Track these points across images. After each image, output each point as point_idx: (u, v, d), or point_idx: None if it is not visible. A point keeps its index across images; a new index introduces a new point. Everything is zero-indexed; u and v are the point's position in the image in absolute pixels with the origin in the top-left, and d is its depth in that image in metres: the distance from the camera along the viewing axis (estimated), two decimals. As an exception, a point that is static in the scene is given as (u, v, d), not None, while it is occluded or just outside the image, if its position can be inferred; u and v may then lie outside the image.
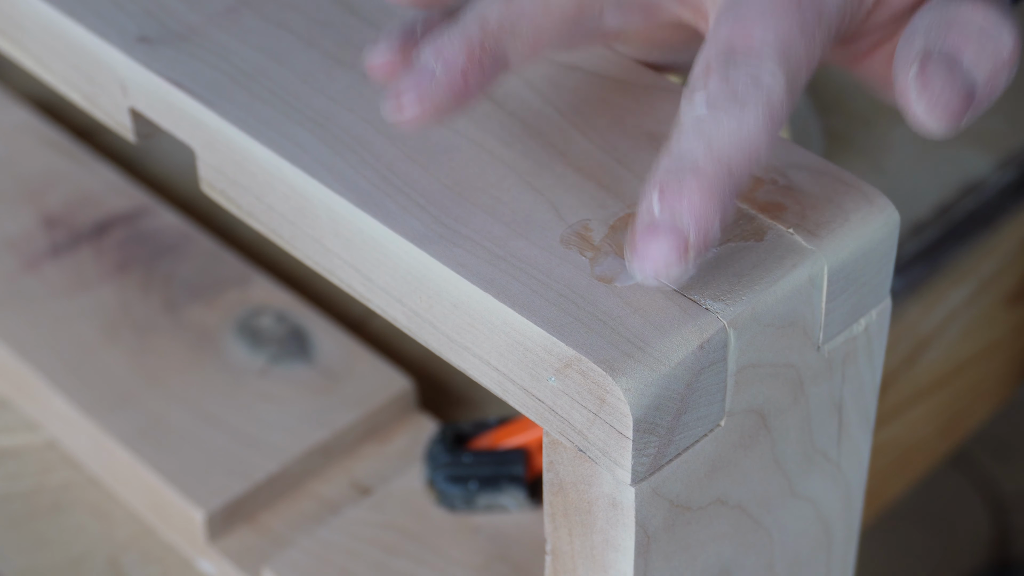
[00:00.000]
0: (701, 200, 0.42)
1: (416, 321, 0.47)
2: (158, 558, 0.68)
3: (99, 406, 0.70)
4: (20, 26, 0.56)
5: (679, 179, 0.42)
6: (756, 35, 0.44)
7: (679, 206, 0.42)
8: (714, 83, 0.43)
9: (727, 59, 0.43)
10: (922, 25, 0.45)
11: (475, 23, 0.45)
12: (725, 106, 0.43)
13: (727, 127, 0.42)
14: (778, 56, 0.43)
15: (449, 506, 0.66)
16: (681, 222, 0.42)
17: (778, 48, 0.44)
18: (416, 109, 0.44)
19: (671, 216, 0.42)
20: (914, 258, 0.80)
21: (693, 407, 0.43)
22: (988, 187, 0.84)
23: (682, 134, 0.43)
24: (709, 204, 0.42)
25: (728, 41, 0.44)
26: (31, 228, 0.79)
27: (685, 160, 0.42)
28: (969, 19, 0.44)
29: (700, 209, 0.42)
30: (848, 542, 0.53)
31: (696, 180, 0.42)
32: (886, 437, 0.81)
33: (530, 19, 0.45)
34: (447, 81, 0.44)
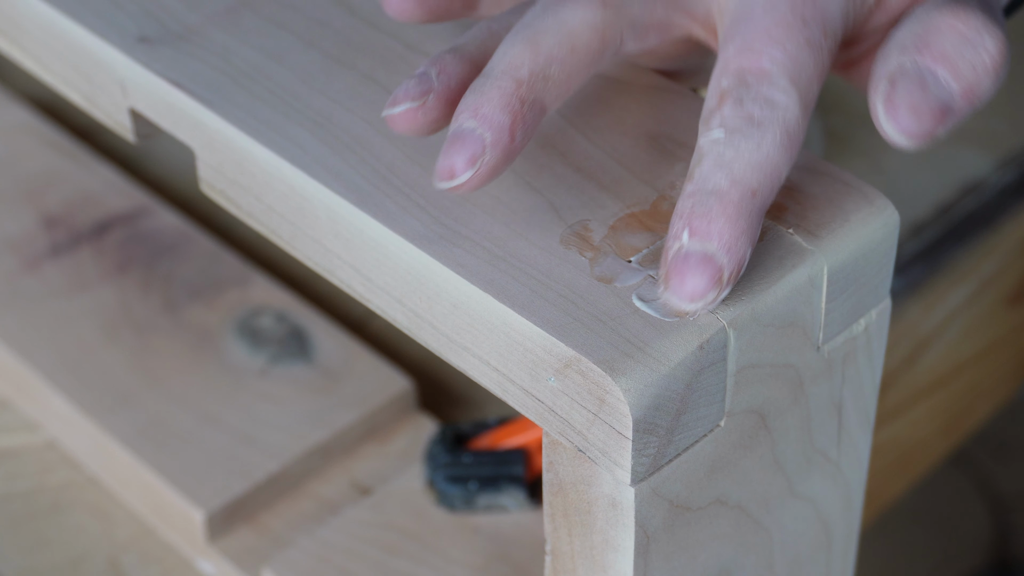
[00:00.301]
0: (728, 226, 0.42)
1: (416, 321, 0.47)
2: (158, 558, 0.68)
3: (99, 406, 0.70)
4: (20, 26, 0.56)
5: (705, 206, 0.42)
6: (765, 55, 0.44)
7: (708, 234, 0.42)
8: (729, 108, 0.43)
9: (739, 83, 0.44)
10: (899, 38, 0.44)
11: (507, 76, 0.44)
12: (742, 129, 0.43)
13: (746, 150, 0.43)
14: (789, 74, 0.44)
15: (449, 506, 0.66)
16: (711, 249, 0.42)
17: (788, 66, 0.44)
18: (470, 175, 0.44)
19: (701, 245, 0.42)
20: (914, 258, 0.80)
21: (693, 407, 0.43)
22: (988, 187, 0.84)
23: (702, 160, 0.43)
24: (737, 229, 0.42)
25: (738, 64, 0.44)
26: (31, 228, 0.79)
27: (708, 186, 0.42)
28: (949, 28, 0.44)
29: (729, 235, 0.42)
30: (848, 542, 0.53)
31: (721, 206, 0.42)
32: (886, 437, 0.81)
33: (559, 62, 0.45)
34: (495, 141, 0.44)
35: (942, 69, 0.43)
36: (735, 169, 0.43)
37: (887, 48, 0.44)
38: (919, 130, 0.43)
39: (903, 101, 0.43)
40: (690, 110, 0.50)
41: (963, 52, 0.44)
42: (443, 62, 0.47)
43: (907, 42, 0.44)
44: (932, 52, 0.44)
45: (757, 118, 0.43)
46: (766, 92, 0.43)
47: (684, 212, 0.43)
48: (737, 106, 0.43)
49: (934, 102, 0.43)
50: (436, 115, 0.46)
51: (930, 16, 0.44)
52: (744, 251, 0.42)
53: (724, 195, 0.42)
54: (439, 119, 0.46)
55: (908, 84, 0.43)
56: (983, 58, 0.44)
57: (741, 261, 0.42)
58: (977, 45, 0.44)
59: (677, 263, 0.42)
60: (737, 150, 0.43)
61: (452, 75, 0.46)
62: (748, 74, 0.44)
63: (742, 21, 0.45)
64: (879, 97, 0.43)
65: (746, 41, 0.44)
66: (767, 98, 0.43)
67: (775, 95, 0.43)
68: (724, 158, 0.43)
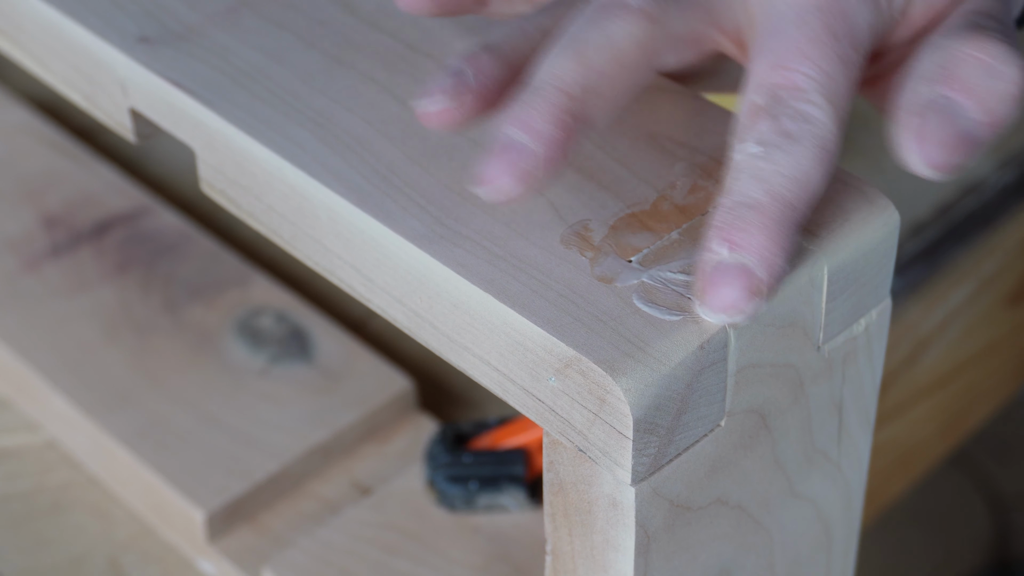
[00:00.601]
0: (766, 238, 0.42)
1: (416, 321, 0.47)
2: (158, 558, 0.68)
3: (99, 406, 0.70)
4: (20, 26, 0.56)
5: (742, 218, 0.42)
6: (799, 72, 0.44)
7: (745, 245, 0.42)
8: (765, 123, 0.44)
9: (774, 99, 0.44)
10: (923, 69, 0.44)
11: (554, 89, 0.44)
12: (780, 144, 0.43)
13: (783, 164, 0.43)
14: (823, 90, 0.44)
15: (449, 506, 0.66)
16: (748, 262, 0.42)
17: (822, 82, 0.44)
18: (518, 188, 0.43)
19: (738, 257, 0.42)
20: (914, 258, 0.80)
21: (693, 407, 0.43)
22: (988, 187, 0.84)
23: (739, 174, 0.43)
24: (773, 241, 0.42)
25: (772, 80, 0.44)
26: (31, 228, 0.79)
27: (745, 199, 0.43)
28: (973, 59, 0.44)
29: (766, 247, 0.42)
30: (848, 542, 0.53)
31: (759, 218, 0.42)
32: (886, 437, 0.81)
33: (608, 77, 0.44)
34: (545, 156, 0.43)
35: (969, 101, 0.44)
36: (773, 183, 0.43)
37: (911, 78, 0.44)
38: (947, 162, 0.43)
39: (933, 135, 0.43)
40: (690, 110, 0.50)
41: (987, 83, 0.44)
42: (479, 61, 0.46)
43: (931, 73, 0.44)
44: (958, 84, 0.44)
45: (794, 133, 0.43)
46: (802, 108, 0.44)
47: (720, 223, 0.43)
48: (773, 121, 0.43)
49: (962, 134, 0.43)
50: (469, 115, 0.46)
51: (953, 45, 0.44)
52: (781, 264, 0.42)
53: (763, 208, 0.42)
54: (471, 119, 0.46)
55: (937, 118, 0.43)
56: (1007, 88, 0.44)
57: (778, 274, 0.42)
58: (1000, 76, 0.44)
59: (714, 275, 0.42)
60: (775, 164, 0.43)
61: (489, 76, 0.46)
62: (782, 90, 0.44)
63: (773, 36, 0.45)
64: (909, 131, 0.43)
65: (779, 57, 0.44)
66: (803, 114, 0.43)
67: (811, 111, 0.44)
68: (762, 172, 0.43)
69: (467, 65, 0.46)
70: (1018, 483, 1.49)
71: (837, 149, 0.44)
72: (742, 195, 0.43)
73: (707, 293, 0.42)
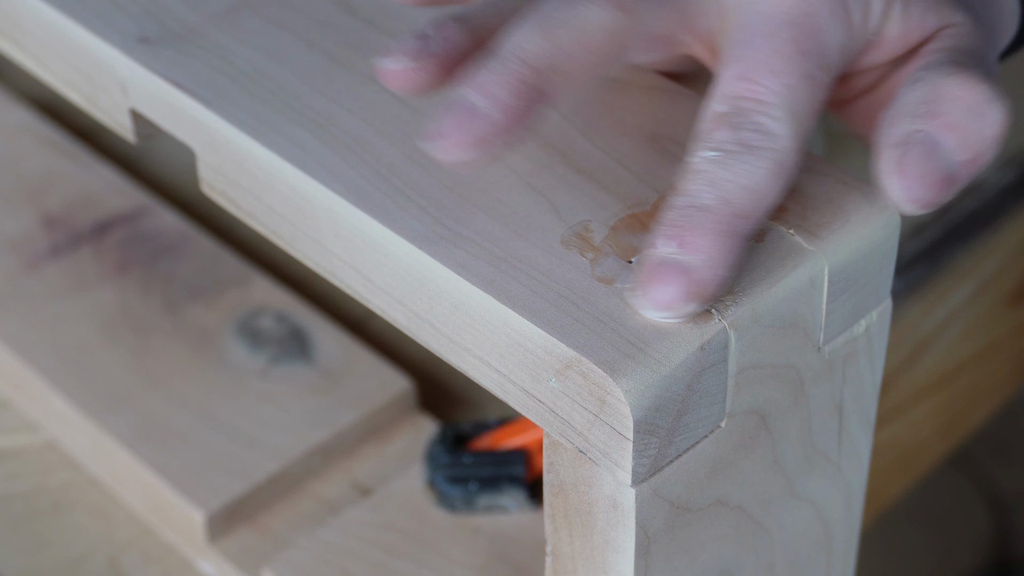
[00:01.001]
0: (712, 242, 0.42)
1: (416, 322, 0.47)
2: (158, 559, 0.68)
3: (99, 406, 0.70)
4: (20, 26, 0.56)
5: (691, 220, 0.43)
6: (763, 85, 0.44)
7: (690, 247, 0.42)
8: (724, 132, 0.44)
9: (736, 109, 0.44)
10: (907, 103, 0.45)
11: (518, 60, 0.44)
12: (736, 152, 0.43)
13: (738, 173, 0.43)
14: (785, 106, 0.44)
15: (449, 507, 0.66)
16: (692, 262, 0.42)
17: (785, 97, 0.44)
18: (465, 149, 0.43)
19: (682, 255, 0.42)
20: (914, 258, 0.80)
21: (693, 408, 0.43)
22: (988, 187, 0.84)
23: (692, 177, 0.44)
24: (719, 246, 0.43)
25: (736, 90, 0.44)
26: (31, 228, 0.79)
27: (696, 202, 0.43)
28: (956, 97, 0.44)
29: (708, 249, 0.42)
30: (848, 542, 0.53)
31: (707, 222, 0.43)
32: (886, 437, 0.81)
33: (570, 58, 0.44)
34: (497, 121, 0.43)
35: (950, 139, 0.44)
36: (725, 190, 0.43)
37: (895, 112, 0.45)
38: (926, 199, 0.43)
39: (913, 170, 0.43)
40: (690, 111, 0.50)
41: (970, 123, 0.44)
42: (446, 28, 0.46)
43: (915, 109, 0.44)
44: (941, 121, 0.44)
45: (752, 145, 0.44)
46: (763, 121, 0.44)
47: (669, 222, 0.43)
48: (733, 131, 0.44)
49: (943, 172, 0.43)
50: (430, 79, 0.46)
51: (938, 82, 0.44)
52: (722, 271, 0.43)
53: (712, 213, 0.43)
54: (431, 84, 0.46)
55: (918, 153, 0.43)
56: (987, 130, 0.44)
57: (716, 276, 0.43)
58: (983, 117, 0.44)
59: (657, 270, 0.43)
60: (729, 172, 0.43)
61: (453, 43, 0.46)
62: (745, 101, 0.44)
63: (742, 47, 0.45)
64: (890, 165, 0.44)
65: (746, 69, 0.45)
66: (763, 127, 0.44)
67: (771, 125, 0.44)
68: (716, 177, 0.43)
69: (433, 30, 0.46)
70: (1018, 483, 1.49)
71: (795, 165, 0.44)
72: (694, 198, 0.43)
73: (647, 287, 0.43)
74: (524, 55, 0.44)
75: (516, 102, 0.43)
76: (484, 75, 0.44)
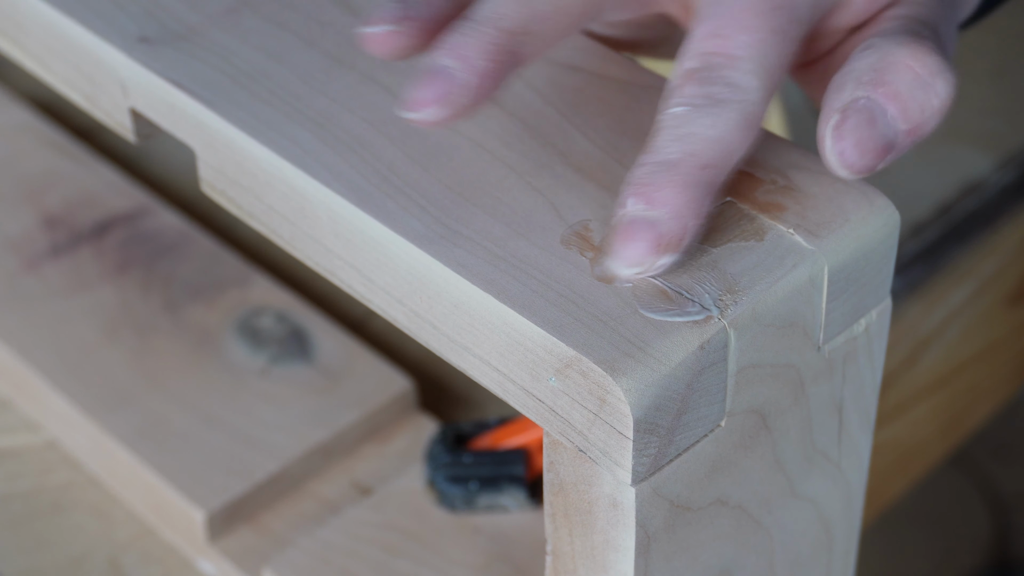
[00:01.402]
0: (674, 194, 0.43)
1: (416, 321, 0.47)
2: (158, 558, 0.68)
3: (99, 406, 0.70)
4: (20, 26, 0.56)
5: (654, 175, 0.43)
6: (734, 40, 0.45)
7: (653, 200, 0.43)
8: (692, 87, 0.44)
9: (705, 65, 0.44)
10: (856, 69, 0.45)
11: (492, 24, 0.45)
12: (703, 106, 0.44)
13: (702, 125, 0.43)
14: (754, 60, 0.44)
15: (449, 506, 0.66)
16: (655, 216, 0.43)
17: (754, 52, 0.45)
18: (436, 110, 0.44)
19: (645, 211, 0.43)
20: (914, 258, 0.80)
21: (693, 407, 0.43)
22: (988, 187, 0.84)
23: (658, 132, 0.44)
24: (682, 198, 0.43)
25: (706, 47, 0.45)
26: (31, 228, 0.79)
27: (660, 157, 0.43)
28: (905, 67, 0.44)
29: (673, 202, 0.43)
30: (849, 542, 0.53)
31: (670, 175, 0.43)
32: (886, 437, 0.81)
33: (543, 20, 0.45)
34: (469, 84, 0.44)
35: (893, 108, 0.44)
36: (689, 142, 0.43)
37: (842, 77, 0.45)
38: (861, 164, 0.44)
39: (851, 136, 0.44)
40: (691, 110, 0.50)
41: (915, 93, 0.44)
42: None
43: (863, 76, 0.45)
44: (885, 89, 0.44)
45: (719, 98, 0.44)
46: (730, 75, 0.44)
47: (635, 180, 0.43)
48: (700, 85, 0.44)
49: (879, 139, 0.44)
50: (411, 43, 0.46)
51: (889, 51, 0.45)
52: (688, 220, 0.43)
53: (675, 165, 0.43)
54: (413, 47, 0.46)
55: (858, 119, 0.44)
56: (932, 101, 0.45)
57: (684, 229, 0.43)
58: (929, 88, 0.44)
59: (621, 228, 0.43)
60: (694, 125, 0.43)
61: (432, 6, 0.47)
62: (715, 57, 0.45)
63: (714, 4, 0.46)
64: (828, 128, 0.44)
65: (717, 25, 0.45)
66: (731, 81, 0.44)
67: (740, 78, 0.44)
68: (680, 131, 0.43)
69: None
70: (1018, 483, 1.49)
71: (760, 120, 0.45)
72: (658, 153, 0.43)
73: (616, 246, 0.43)
74: (499, 20, 0.45)
75: (490, 66, 0.44)
76: (459, 39, 0.44)
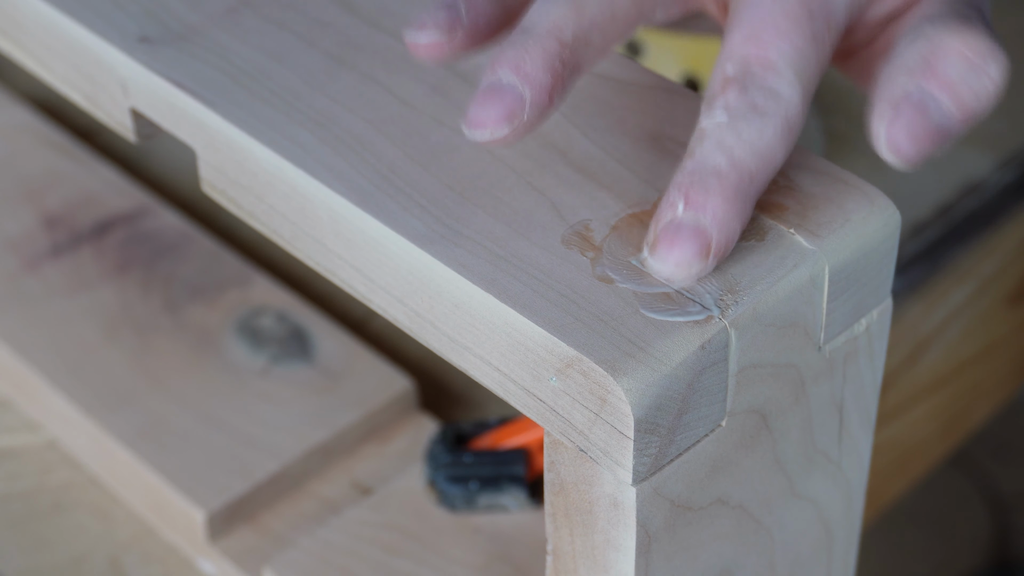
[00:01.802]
0: (724, 204, 0.43)
1: (417, 321, 0.47)
2: (159, 558, 0.68)
3: (99, 406, 0.70)
4: (21, 26, 0.56)
5: (703, 183, 0.43)
6: (772, 46, 0.45)
7: (703, 209, 0.43)
8: (733, 94, 0.44)
9: (744, 72, 0.45)
10: (905, 59, 0.45)
11: (551, 37, 0.44)
12: (746, 116, 0.44)
13: (748, 137, 0.44)
14: (793, 67, 0.45)
15: (450, 506, 0.66)
16: (704, 224, 0.43)
17: (793, 59, 0.45)
18: (501, 129, 0.44)
19: (694, 218, 0.43)
20: (915, 258, 0.80)
21: (694, 407, 0.43)
22: (989, 187, 0.84)
23: (704, 141, 0.44)
24: (731, 208, 0.43)
25: (745, 52, 0.45)
26: (31, 228, 0.79)
27: (708, 166, 0.43)
28: (956, 52, 0.44)
29: (723, 213, 0.43)
30: (849, 542, 0.53)
31: (719, 185, 0.43)
32: (886, 437, 0.81)
33: (600, 28, 0.45)
34: (535, 100, 0.44)
35: (946, 97, 0.44)
36: (736, 153, 0.44)
37: (892, 67, 0.45)
38: (916, 154, 0.44)
39: (904, 128, 0.44)
40: (691, 110, 0.50)
41: (967, 79, 0.44)
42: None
43: (912, 64, 0.45)
44: (937, 79, 0.44)
45: (761, 107, 0.44)
46: (771, 83, 0.44)
47: (682, 185, 0.44)
48: (742, 93, 0.44)
49: (933, 128, 0.44)
50: (460, 51, 0.46)
51: (937, 36, 0.45)
52: (734, 231, 0.44)
53: (723, 175, 0.43)
54: (460, 55, 0.47)
55: (911, 111, 0.44)
56: (986, 86, 0.45)
57: (730, 240, 0.44)
58: (981, 72, 0.44)
59: (669, 231, 0.43)
60: (739, 135, 0.44)
61: (482, 13, 0.47)
62: (754, 63, 0.45)
63: (751, 7, 0.46)
64: (882, 121, 0.44)
65: (754, 30, 0.45)
66: (771, 89, 0.44)
67: (780, 86, 0.44)
68: (726, 141, 0.44)
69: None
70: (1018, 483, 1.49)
71: (801, 125, 0.45)
72: (705, 161, 0.44)
73: (660, 247, 0.43)
74: (553, 29, 0.45)
75: (553, 81, 0.44)
76: (516, 52, 0.44)
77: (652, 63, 0.85)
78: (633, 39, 0.86)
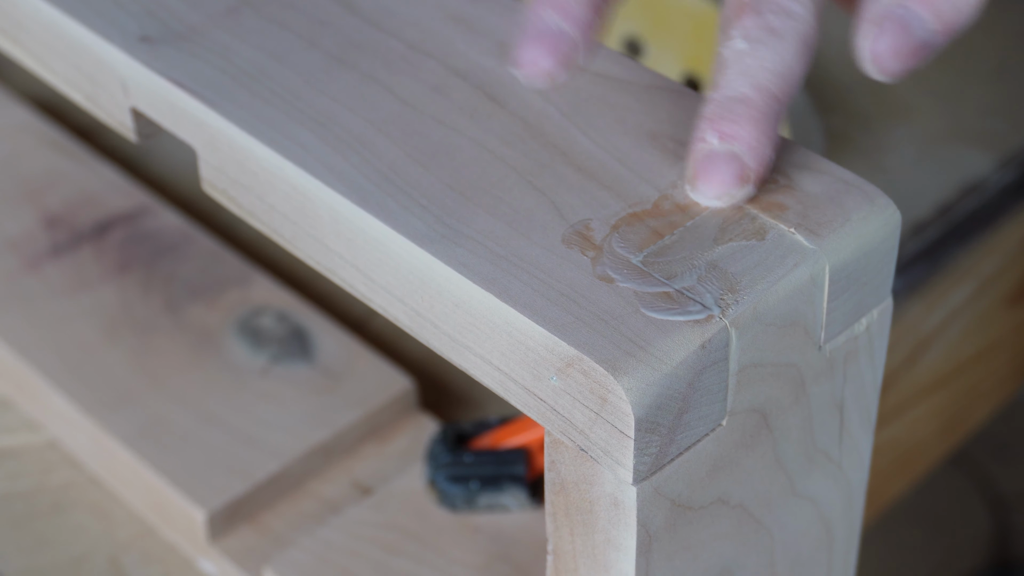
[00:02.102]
0: (754, 129, 0.45)
1: (417, 320, 0.47)
2: (159, 558, 0.68)
3: (100, 406, 0.70)
4: (21, 26, 0.56)
5: (731, 111, 0.45)
6: None
7: (735, 136, 0.45)
8: (749, 19, 0.46)
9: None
10: None
11: None
12: (764, 39, 0.46)
13: (769, 59, 0.45)
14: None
15: (450, 506, 0.66)
16: (738, 149, 0.45)
17: None
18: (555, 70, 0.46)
19: (727, 145, 0.45)
20: (915, 258, 0.80)
21: (695, 406, 0.43)
22: (989, 187, 0.84)
23: (727, 70, 0.46)
24: (761, 132, 0.45)
25: None
26: (32, 228, 0.79)
27: (733, 93, 0.45)
28: None
29: (754, 139, 0.45)
30: (849, 542, 0.53)
31: (747, 111, 0.45)
32: (886, 437, 0.81)
33: None
34: (577, 37, 0.46)
35: (926, 12, 0.46)
36: (760, 78, 0.45)
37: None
38: (899, 69, 0.46)
39: (887, 44, 0.46)
40: (691, 109, 0.50)
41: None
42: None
43: None
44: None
45: (778, 29, 0.46)
46: (784, 3, 0.46)
47: (710, 115, 0.45)
48: (757, 17, 0.46)
49: (915, 43, 0.46)
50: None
51: None
52: (767, 152, 0.45)
53: (750, 102, 0.45)
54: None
55: (893, 28, 0.46)
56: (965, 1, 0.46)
57: (764, 162, 0.45)
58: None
59: (705, 162, 0.45)
60: (760, 60, 0.45)
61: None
62: None
63: None
64: (866, 39, 0.46)
65: None
66: (786, 9, 0.46)
67: (793, 6, 0.46)
68: (749, 68, 0.45)
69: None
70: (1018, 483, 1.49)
71: (815, 43, 0.46)
72: (731, 89, 0.45)
73: (699, 179, 0.45)
74: None
75: (593, 16, 0.46)
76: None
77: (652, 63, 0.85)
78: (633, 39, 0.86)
